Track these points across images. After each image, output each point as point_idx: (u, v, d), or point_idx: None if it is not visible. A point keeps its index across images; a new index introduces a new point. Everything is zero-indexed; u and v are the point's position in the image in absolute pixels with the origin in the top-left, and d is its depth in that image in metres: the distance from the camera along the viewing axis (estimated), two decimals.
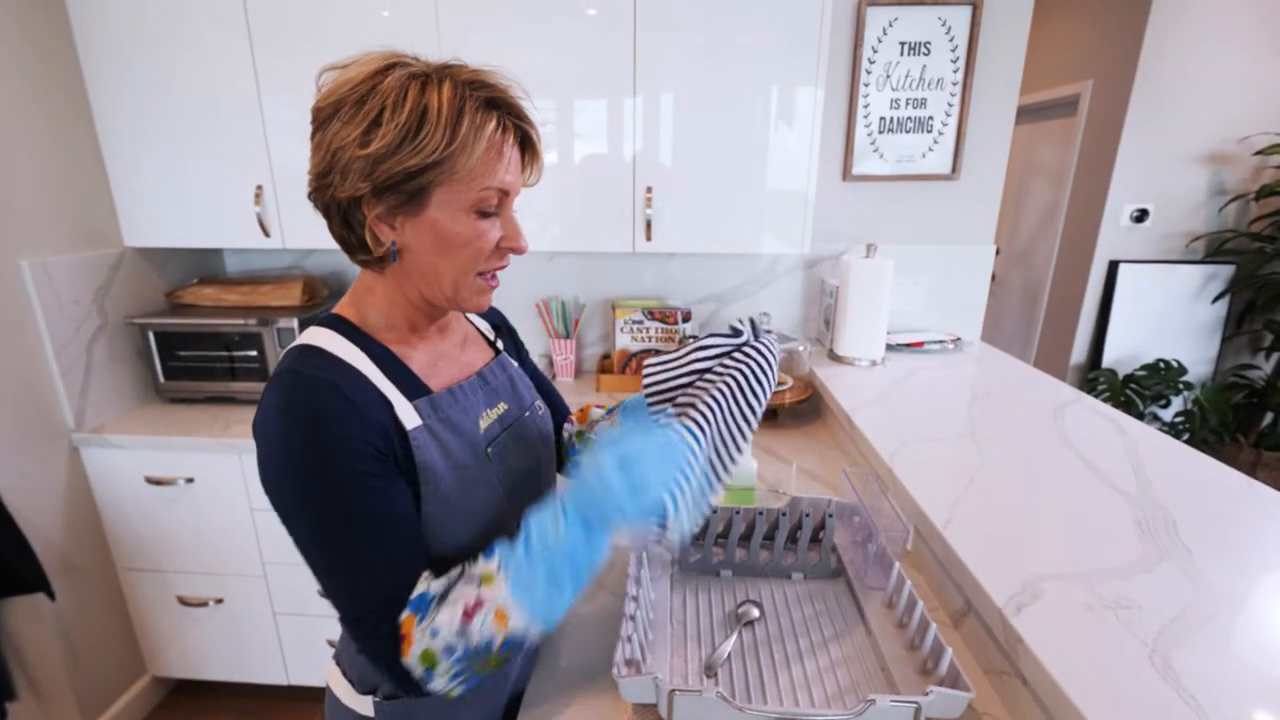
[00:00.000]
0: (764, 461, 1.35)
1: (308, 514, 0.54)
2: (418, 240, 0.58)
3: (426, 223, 0.57)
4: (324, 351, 0.58)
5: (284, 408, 0.54)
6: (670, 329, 1.75)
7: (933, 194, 1.75)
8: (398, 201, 0.56)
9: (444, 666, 0.54)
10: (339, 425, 0.54)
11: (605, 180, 1.49)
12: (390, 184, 0.55)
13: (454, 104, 0.54)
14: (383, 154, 0.53)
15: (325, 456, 0.54)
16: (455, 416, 0.65)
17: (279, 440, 0.54)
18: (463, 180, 0.56)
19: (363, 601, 0.55)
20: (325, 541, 0.54)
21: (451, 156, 0.54)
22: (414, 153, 0.53)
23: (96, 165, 1.55)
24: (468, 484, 0.63)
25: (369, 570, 0.55)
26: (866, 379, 1.51)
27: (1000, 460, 1.06)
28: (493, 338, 0.81)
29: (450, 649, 0.53)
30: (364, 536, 0.54)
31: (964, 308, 1.83)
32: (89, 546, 1.58)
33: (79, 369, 1.51)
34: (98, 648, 1.61)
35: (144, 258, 1.68)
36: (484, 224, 0.59)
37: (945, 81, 1.65)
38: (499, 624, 0.53)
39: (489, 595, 0.54)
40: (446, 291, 0.61)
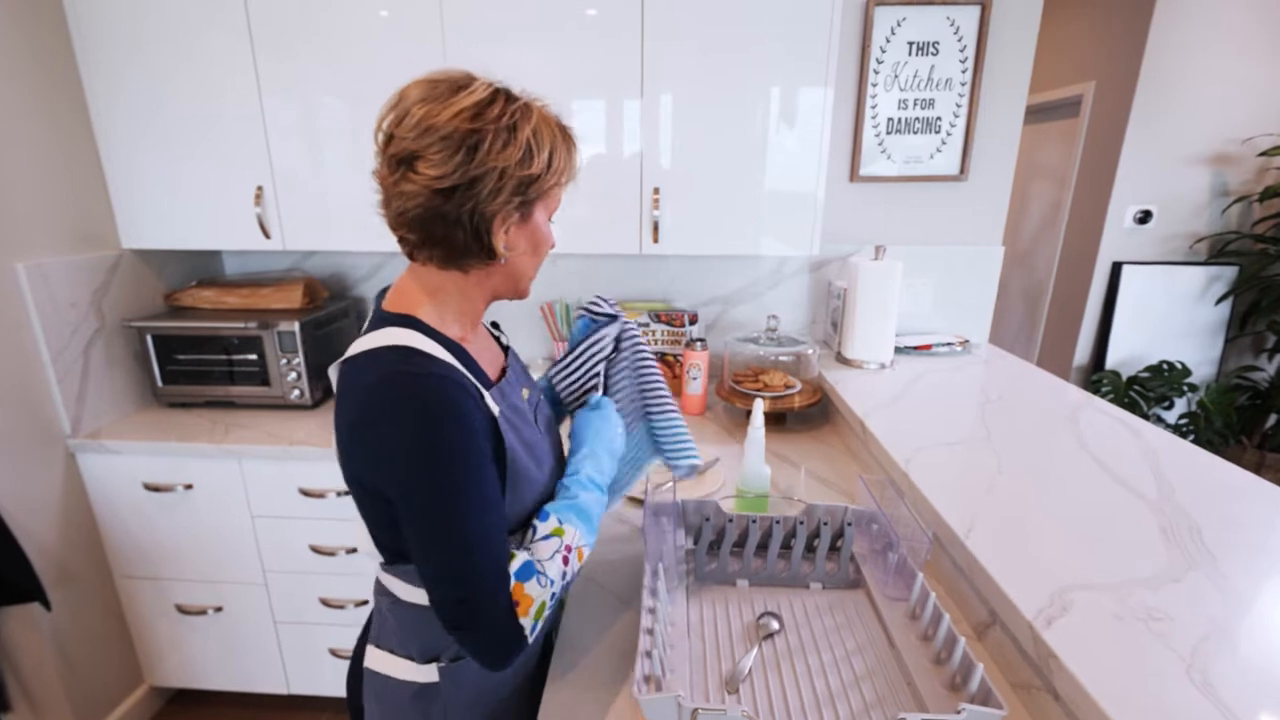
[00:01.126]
0: (774, 466, 1.32)
1: (442, 500, 0.59)
2: (519, 243, 0.68)
3: (529, 229, 0.68)
4: (420, 350, 0.62)
5: (413, 402, 0.58)
6: (677, 331, 1.73)
7: (941, 195, 1.74)
8: (521, 213, 0.66)
9: (545, 616, 0.65)
10: (466, 413, 0.60)
11: (612, 182, 1.47)
12: (525, 195, 0.64)
13: (557, 131, 0.66)
14: (536, 176, 0.63)
15: (460, 443, 0.59)
16: (515, 401, 0.73)
17: (415, 432, 0.58)
18: (557, 194, 0.69)
19: (479, 576, 0.61)
20: (454, 524, 0.60)
21: (564, 176, 0.68)
22: (551, 175, 0.65)
23: (94, 166, 1.52)
24: (537, 459, 0.72)
25: (486, 546, 0.61)
26: (876, 382, 1.50)
27: (1018, 465, 1.04)
28: (495, 333, 0.85)
29: (554, 596, 0.66)
30: (485, 516, 0.61)
31: (972, 309, 1.82)
32: (85, 554, 1.55)
33: (75, 373, 1.49)
34: (94, 657, 1.58)
35: (142, 260, 1.66)
36: (551, 226, 0.73)
37: (953, 82, 1.64)
38: (578, 559, 0.69)
39: (569, 541, 0.68)
40: (523, 285, 0.73)
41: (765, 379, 1.53)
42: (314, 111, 1.46)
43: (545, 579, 0.64)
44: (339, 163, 1.49)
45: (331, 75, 1.43)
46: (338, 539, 1.53)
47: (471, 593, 0.61)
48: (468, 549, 0.60)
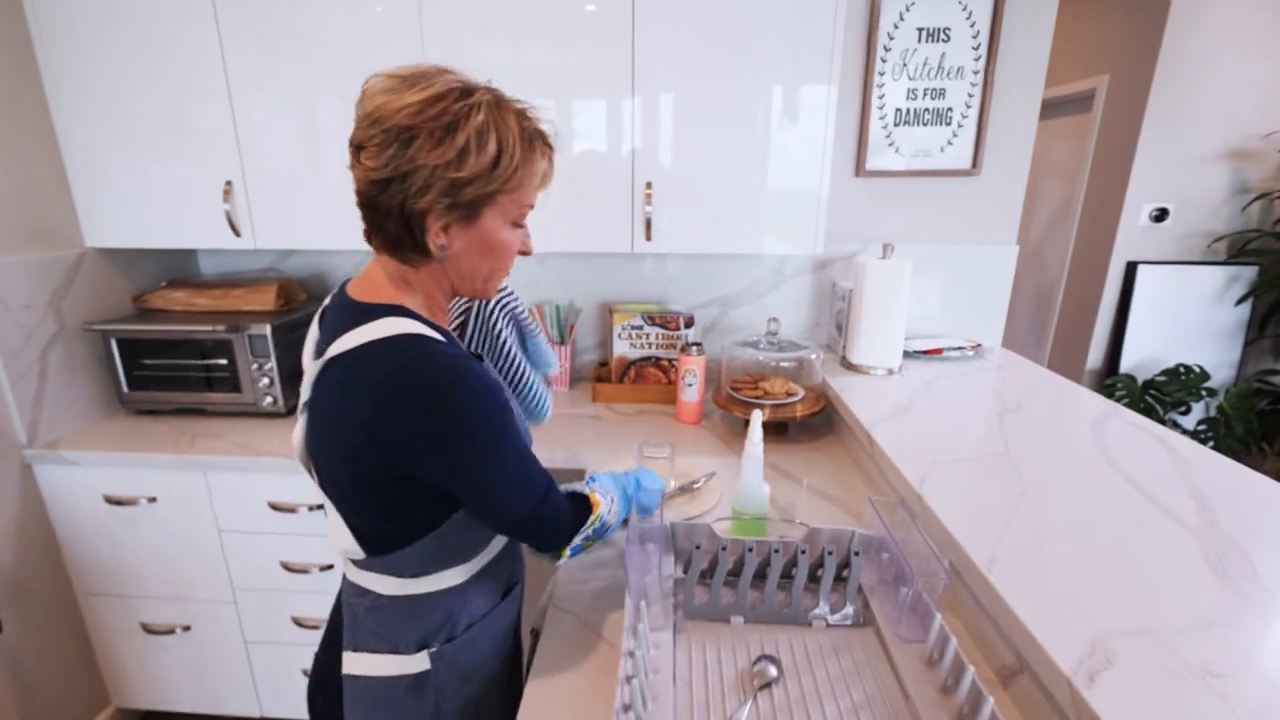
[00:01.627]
0: (774, 481, 1.23)
1: (507, 453, 0.67)
2: (465, 245, 0.67)
3: (477, 232, 0.67)
4: (430, 337, 0.64)
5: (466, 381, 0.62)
6: (672, 335, 1.64)
7: (952, 190, 1.64)
8: (459, 214, 0.65)
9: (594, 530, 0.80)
10: (497, 387, 0.66)
11: (602, 177, 1.38)
12: (463, 201, 0.63)
13: (522, 140, 0.64)
14: (470, 179, 0.62)
15: (500, 402, 0.66)
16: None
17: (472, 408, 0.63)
18: (514, 199, 0.67)
19: (538, 487, 0.72)
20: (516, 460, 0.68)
21: (515, 181, 0.65)
22: (498, 179, 0.63)
23: (53, 160, 1.43)
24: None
25: (537, 467, 0.72)
26: (884, 389, 1.40)
27: (1042, 485, 0.94)
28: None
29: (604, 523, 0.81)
30: (526, 447, 0.72)
31: (984, 312, 1.72)
32: (44, 570, 1.46)
33: (32, 379, 1.40)
34: (55, 678, 1.49)
35: (108, 259, 1.57)
36: (517, 233, 0.72)
37: (965, 70, 1.54)
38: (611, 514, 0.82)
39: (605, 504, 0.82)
40: (479, 285, 0.73)
41: (765, 386, 1.43)
42: (287, 106, 1.37)
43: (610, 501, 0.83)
44: (314, 158, 1.41)
45: (306, 70, 1.35)
46: (310, 555, 1.44)
47: (539, 497, 0.71)
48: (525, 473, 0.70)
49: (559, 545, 0.76)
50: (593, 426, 1.51)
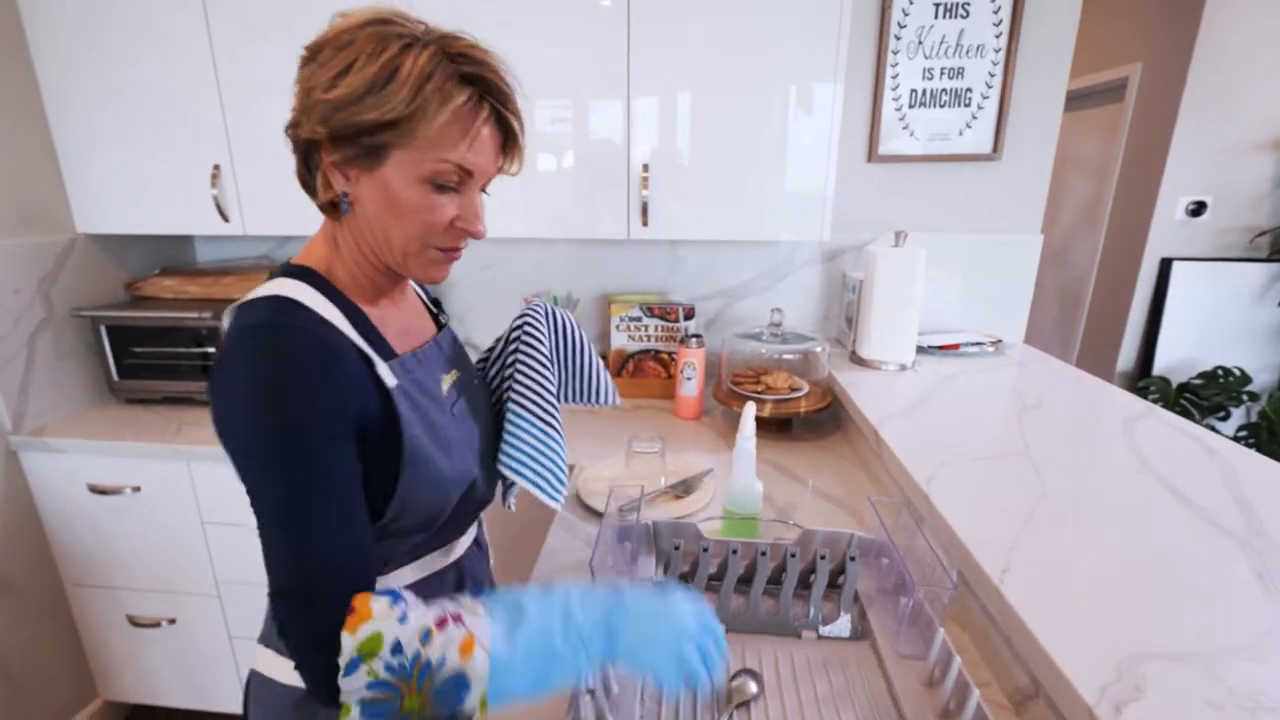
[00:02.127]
0: (773, 480, 1.16)
1: (271, 470, 0.51)
2: (370, 197, 0.57)
3: (380, 182, 0.56)
4: (300, 304, 0.55)
5: (263, 356, 0.51)
6: (671, 327, 1.57)
7: (971, 176, 1.55)
8: (354, 154, 0.55)
9: (375, 666, 0.47)
10: (320, 379, 0.52)
11: (595, 158, 1.32)
12: (346, 134, 0.53)
13: (425, 69, 0.52)
14: (342, 102, 0.52)
15: (301, 412, 0.51)
16: (422, 378, 0.64)
17: (252, 391, 0.50)
18: (421, 148, 0.54)
19: (301, 570, 0.51)
20: (279, 502, 0.51)
21: (410, 120, 0.53)
22: (373, 107, 0.52)
23: (44, 145, 1.42)
24: (444, 445, 0.63)
25: (324, 533, 0.51)
26: (895, 385, 1.32)
27: (1065, 487, 0.86)
28: (436, 312, 0.80)
29: (398, 648, 0.48)
30: (325, 498, 0.51)
31: (1006, 306, 1.62)
32: (31, 560, 1.44)
33: (18, 365, 1.38)
34: (42, 670, 1.47)
35: (99, 245, 1.55)
36: (439, 198, 0.57)
37: (986, 48, 1.45)
38: (462, 653, 0.48)
39: (469, 620, 0.50)
40: (395, 257, 0.60)
41: (768, 380, 1.35)
42: (275, 90, 1.33)
43: (401, 614, 0.49)
44: None
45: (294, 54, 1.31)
46: None
47: (301, 579, 0.51)
48: (295, 530, 0.50)
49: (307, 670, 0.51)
50: (586, 421, 1.44)
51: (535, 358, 0.79)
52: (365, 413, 0.55)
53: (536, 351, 0.79)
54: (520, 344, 0.80)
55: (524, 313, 0.82)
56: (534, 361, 0.78)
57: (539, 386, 0.77)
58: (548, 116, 1.31)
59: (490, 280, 1.73)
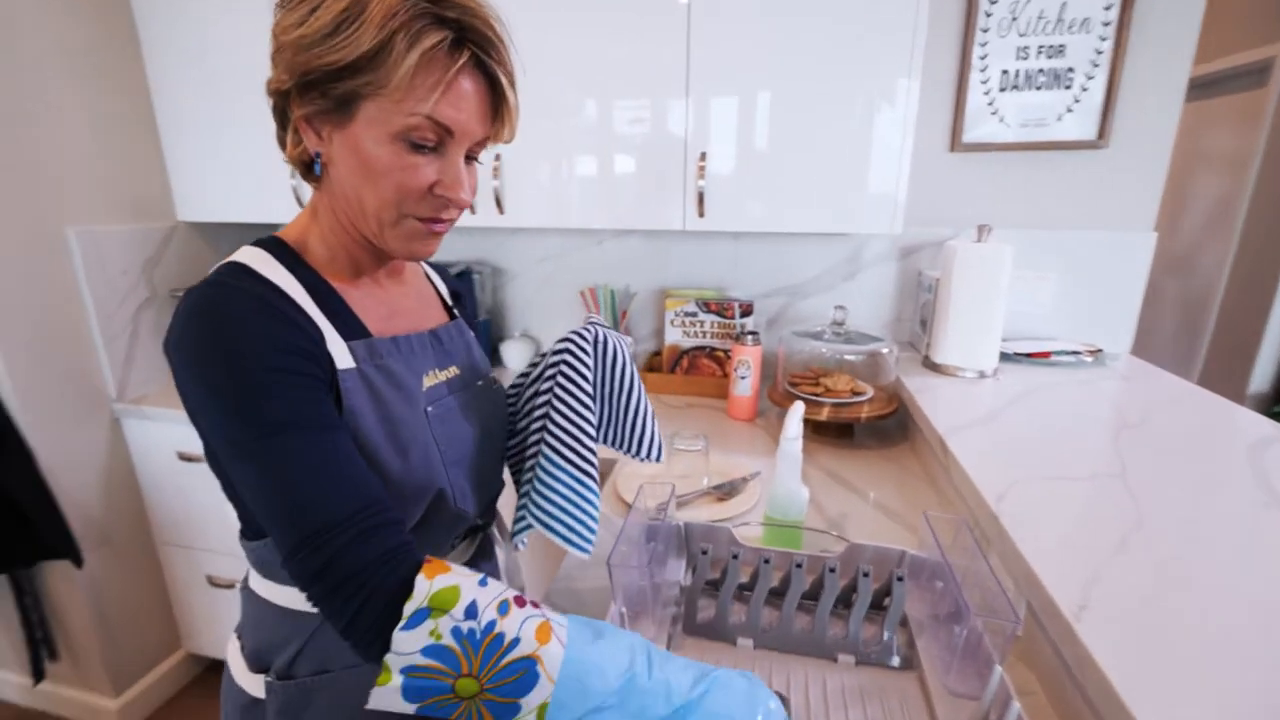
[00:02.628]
0: (827, 489, 1.08)
1: (231, 432, 0.46)
2: (342, 157, 0.52)
3: (351, 139, 0.51)
4: (249, 269, 0.52)
5: (198, 311, 0.48)
6: (728, 323, 1.51)
7: (1070, 166, 1.39)
8: (325, 107, 0.51)
9: (441, 625, 0.42)
10: (261, 323, 0.48)
11: (649, 145, 1.28)
12: (311, 80, 0.49)
13: (394, 7, 0.47)
14: (305, 43, 0.48)
15: (239, 364, 0.46)
16: (394, 366, 0.58)
17: (193, 347, 0.47)
18: (391, 99, 0.49)
19: (308, 516, 0.45)
20: (255, 458, 0.46)
21: (376, 65, 0.48)
22: (335, 49, 0.47)
23: (153, 140, 1.55)
24: (398, 443, 0.56)
25: (315, 478, 0.46)
26: (971, 394, 1.20)
27: (1167, 517, 0.74)
28: (450, 303, 0.75)
29: (473, 610, 0.43)
30: (303, 441, 0.47)
31: (1109, 312, 1.45)
32: (127, 518, 1.58)
33: (124, 339, 1.51)
34: (132, 619, 1.61)
35: (196, 232, 1.68)
36: (414, 159, 0.52)
37: (1093, 22, 1.30)
38: (538, 635, 0.43)
39: (547, 611, 0.47)
40: (371, 226, 0.55)
41: (827, 382, 1.27)
42: None
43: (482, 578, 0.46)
44: None
45: None
46: None
47: (299, 536, 0.45)
48: (282, 477, 0.46)
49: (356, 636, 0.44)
50: None
51: (576, 395, 0.68)
52: (319, 361, 0.51)
53: (578, 389, 0.68)
54: (560, 375, 0.69)
55: (568, 337, 0.70)
56: (574, 400, 0.68)
57: (577, 430, 0.67)
58: (606, 109, 1.28)
59: (548, 273, 1.73)
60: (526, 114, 0.60)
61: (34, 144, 1.32)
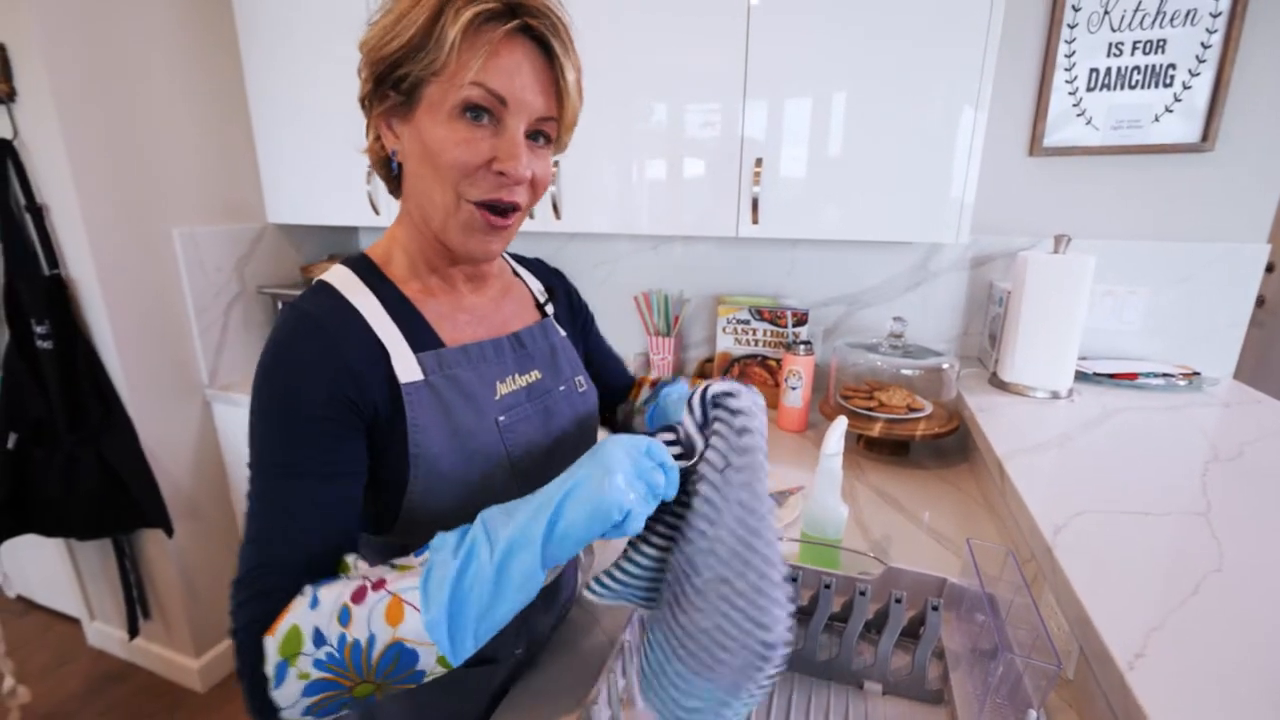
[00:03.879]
0: (875, 508, 1.04)
1: (254, 448, 0.50)
2: (411, 149, 0.54)
3: (416, 128, 0.53)
4: (333, 290, 0.55)
5: (272, 342, 0.51)
6: (780, 332, 1.48)
7: (1169, 171, 1.28)
8: (396, 101, 0.53)
9: (302, 665, 0.42)
10: (305, 369, 0.50)
11: (705, 151, 1.27)
12: (381, 76, 0.52)
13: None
14: (376, 41, 0.51)
15: (284, 398, 0.49)
16: (463, 376, 0.59)
17: (259, 369, 0.51)
18: (444, 76, 0.50)
19: (255, 554, 0.47)
20: (254, 482, 0.50)
21: (428, 44, 0.49)
22: (397, 37, 0.50)
23: (248, 146, 1.69)
24: (465, 453, 0.56)
25: (277, 522, 0.48)
26: (1040, 416, 1.12)
27: (1253, 562, 0.66)
28: (542, 300, 0.73)
29: (320, 637, 0.42)
30: (289, 486, 0.49)
31: (1210, 331, 1.31)
32: (214, 494, 1.72)
33: (216, 330, 1.65)
34: (214, 588, 1.75)
35: (283, 233, 1.81)
36: (471, 132, 0.51)
37: (1199, 13, 1.18)
38: (389, 619, 0.41)
39: (393, 578, 0.43)
40: (438, 217, 0.55)
41: (882, 396, 1.22)
42: None
43: (314, 597, 0.44)
44: None
45: None
46: None
47: (242, 570, 0.47)
48: (262, 512, 0.49)
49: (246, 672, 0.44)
50: None
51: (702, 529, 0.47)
52: (374, 406, 0.52)
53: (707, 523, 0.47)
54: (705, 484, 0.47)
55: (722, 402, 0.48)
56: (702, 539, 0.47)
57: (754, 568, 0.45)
58: (663, 113, 1.29)
59: (604, 277, 1.75)
60: (586, 118, 0.60)
61: (146, 151, 1.47)
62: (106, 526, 1.53)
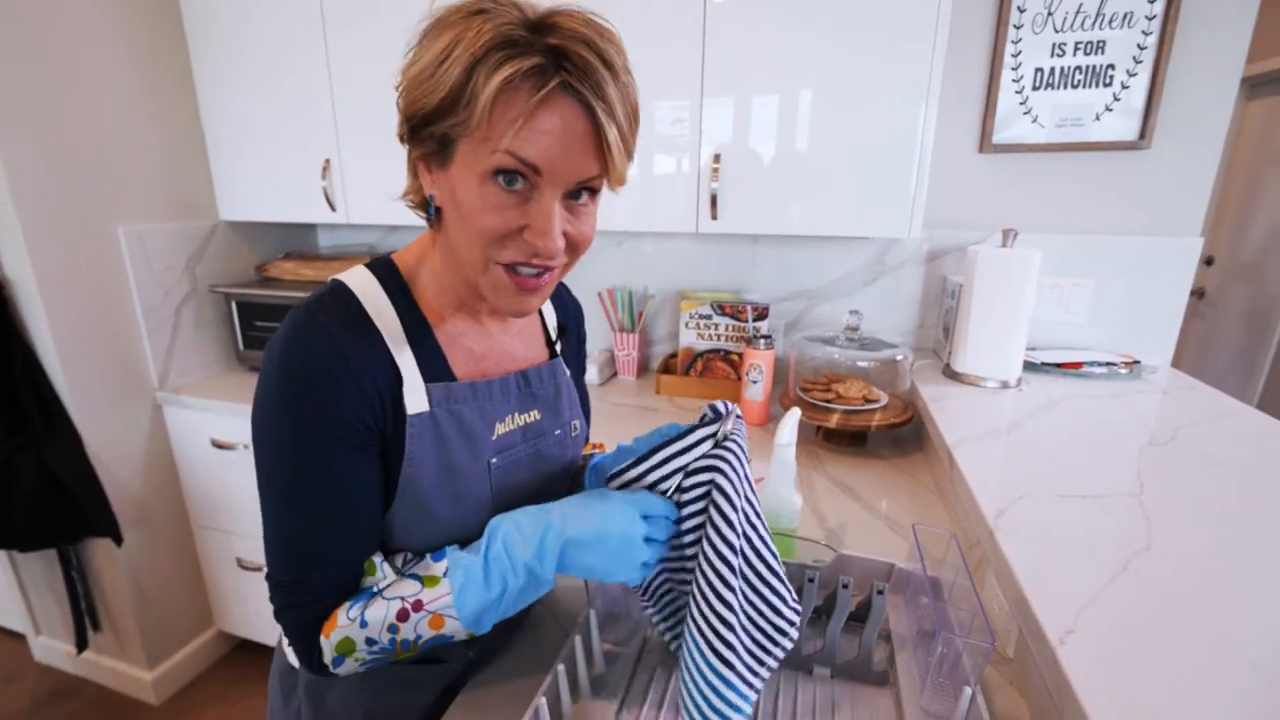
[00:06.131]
0: (832, 498, 1.06)
1: (271, 462, 0.51)
2: (446, 201, 0.52)
3: (450, 182, 0.50)
4: (354, 299, 0.54)
5: (285, 351, 0.50)
6: (741, 326, 1.49)
7: (1109, 168, 1.33)
8: (432, 149, 0.50)
9: (359, 655, 0.52)
10: (328, 390, 0.50)
11: (663, 147, 1.28)
12: (416, 125, 0.49)
13: (482, 38, 0.44)
14: (410, 86, 0.48)
15: (305, 417, 0.50)
16: (467, 413, 0.58)
17: (269, 383, 0.50)
18: (477, 138, 0.46)
19: (295, 567, 0.52)
20: (280, 497, 0.52)
21: (461, 104, 0.45)
22: (430, 91, 0.46)
23: (198, 142, 1.63)
24: (453, 491, 0.57)
25: (311, 539, 0.52)
26: (989, 405, 1.15)
27: (1180, 542, 0.69)
28: (554, 337, 0.71)
29: (372, 641, 0.52)
30: (318, 506, 0.51)
31: (1149, 321, 1.37)
32: (166, 500, 1.67)
33: (166, 331, 1.60)
34: (167, 596, 1.69)
35: (236, 231, 1.76)
36: (502, 199, 0.48)
37: (1136, 16, 1.23)
38: (432, 627, 0.52)
39: (429, 598, 0.52)
40: (468, 273, 0.53)
41: (840, 389, 1.24)
42: (378, 89, 1.44)
43: (362, 618, 0.52)
44: None
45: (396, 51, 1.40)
46: None
47: (288, 578, 0.53)
48: (287, 529, 0.52)
49: (303, 657, 0.53)
50: (647, 418, 1.41)
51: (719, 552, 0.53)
52: (380, 427, 0.53)
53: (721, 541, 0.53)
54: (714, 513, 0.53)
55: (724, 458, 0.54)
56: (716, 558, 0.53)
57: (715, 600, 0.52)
58: None
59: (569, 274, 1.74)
60: None
61: (89, 148, 1.41)
62: (51, 536, 1.47)
